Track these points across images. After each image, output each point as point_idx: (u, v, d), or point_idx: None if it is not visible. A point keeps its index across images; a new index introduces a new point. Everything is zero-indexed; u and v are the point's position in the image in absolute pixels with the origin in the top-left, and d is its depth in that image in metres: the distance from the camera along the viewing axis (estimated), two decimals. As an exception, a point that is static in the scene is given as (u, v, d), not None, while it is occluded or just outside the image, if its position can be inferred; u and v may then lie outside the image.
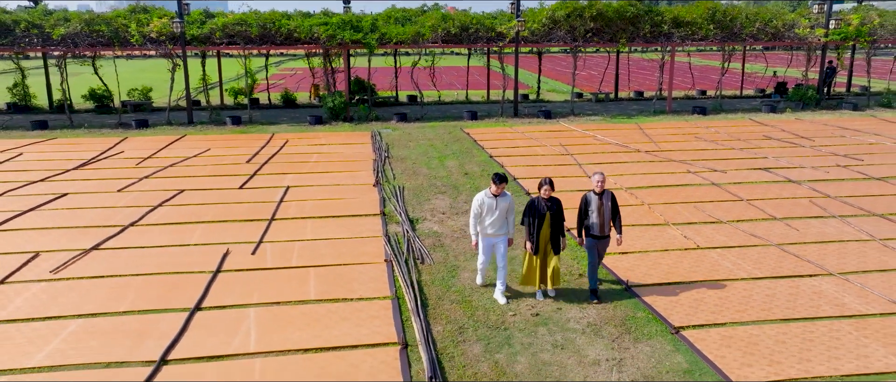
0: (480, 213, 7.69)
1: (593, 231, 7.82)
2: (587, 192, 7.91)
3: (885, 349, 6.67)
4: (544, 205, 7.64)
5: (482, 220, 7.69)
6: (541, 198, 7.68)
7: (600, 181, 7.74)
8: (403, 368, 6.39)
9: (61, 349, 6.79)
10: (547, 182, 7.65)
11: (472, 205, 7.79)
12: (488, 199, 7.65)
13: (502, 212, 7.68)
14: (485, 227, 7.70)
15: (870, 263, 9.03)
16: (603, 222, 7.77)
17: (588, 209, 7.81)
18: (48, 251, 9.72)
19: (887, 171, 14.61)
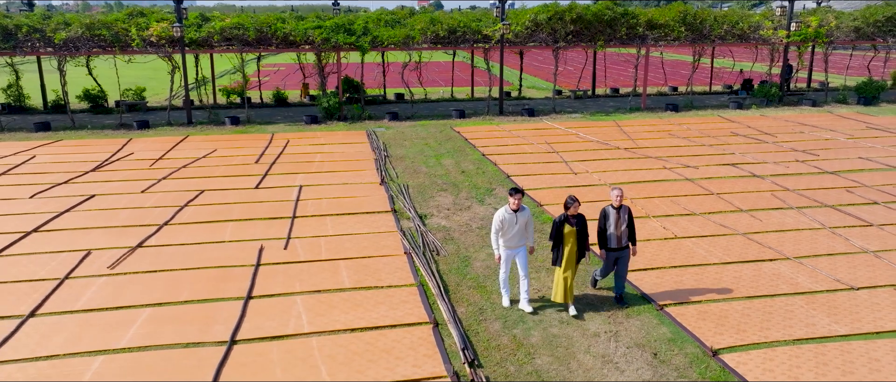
0: (501, 229, 8.16)
1: (611, 243, 8.35)
2: (606, 206, 8.46)
3: (829, 318, 8.16)
4: (571, 221, 8.07)
5: (503, 234, 8.17)
6: (567, 216, 8.10)
7: (619, 196, 8.29)
8: (437, 342, 7.66)
9: (141, 333, 7.91)
10: (574, 200, 8.04)
11: (493, 222, 8.22)
12: (509, 215, 8.11)
13: (522, 226, 8.18)
14: (506, 240, 8.19)
15: (820, 248, 10.57)
16: (620, 234, 8.35)
17: (606, 223, 8.36)
18: (97, 249, 10.74)
19: (839, 166, 16.29)
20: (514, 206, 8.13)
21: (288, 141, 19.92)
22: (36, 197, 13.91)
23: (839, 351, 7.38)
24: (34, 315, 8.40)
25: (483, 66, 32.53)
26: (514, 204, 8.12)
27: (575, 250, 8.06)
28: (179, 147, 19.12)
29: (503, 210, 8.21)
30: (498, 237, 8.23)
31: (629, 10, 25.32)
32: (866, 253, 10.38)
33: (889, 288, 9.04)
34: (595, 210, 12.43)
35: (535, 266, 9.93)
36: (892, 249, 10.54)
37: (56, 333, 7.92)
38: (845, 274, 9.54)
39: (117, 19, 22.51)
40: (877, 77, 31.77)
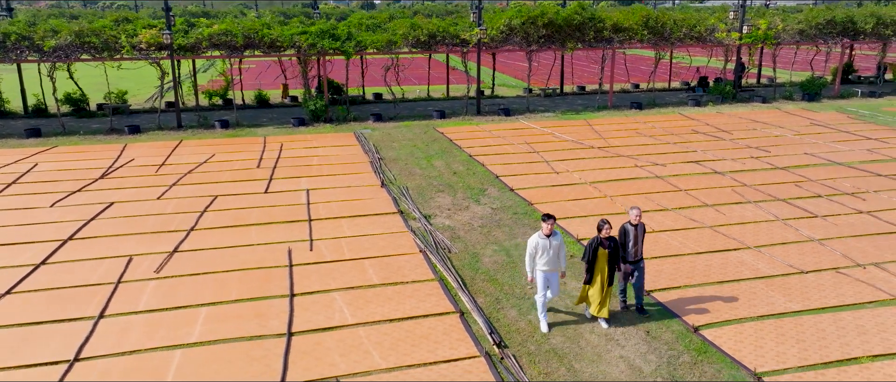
0: (535, 254, 8.67)
1: (629, 257, 9.09)
2: (625, 224, 9.13)
3: (784, 298, 9.86)
4: (605, 244, 8.70)
5: (537, 260, 8.69)
6: (600, 238, 8.69)
7: (638, 215, 8.99)
8: (466, 328, 9.05)
9: (207, 329, 9.05)
10: (606, 223, 8.67)
11: (528, 247, 8.72)
12: (542, 241, 8.60)
13: (555, 251, 8.66)
14: (540, 265, 8.69)
15: (775, 238, 12.34)
16: (638, 249, 9.13)
17: (626, 239, 9.10)
18: (137, 255, 11.72)
19: (788, 161, 18.28)
20: (546, 232, 8.59)
21: (281, 144, 20.89)
22: (56, 205, 14.67)
23: (793, 324, 9.07)
24: (103, 316, 9.43)
25: (458, 66, 33.91)
26: (547, 230, 8.57)
27: (606, 270, 8.71)
28: (177, 152, 19.89)
29: (537, 235, 8.69)
30: (532, 261, 8.71)
31: (596, 15, 27.00)
32: (812, 241, 12.19)
33: (831, 271, 10.83)
34: (581, 207, 14.03)
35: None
36: (834, 237, 12.39)
37: (129, 331, 8.99)
38: (796, 260, 11.31)
39: (104, 26, 22.97)
40: (819, 71, 34.49)
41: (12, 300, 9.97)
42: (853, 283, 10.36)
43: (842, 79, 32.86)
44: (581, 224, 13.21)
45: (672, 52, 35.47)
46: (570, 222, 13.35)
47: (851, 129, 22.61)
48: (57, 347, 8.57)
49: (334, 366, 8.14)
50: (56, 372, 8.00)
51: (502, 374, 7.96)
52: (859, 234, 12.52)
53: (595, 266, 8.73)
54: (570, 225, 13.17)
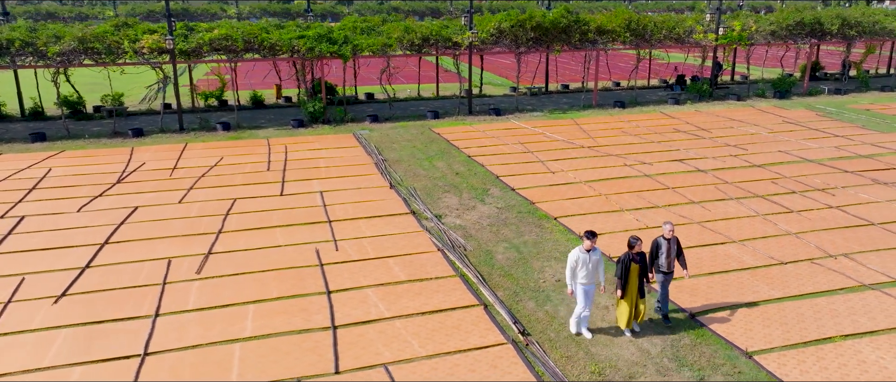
0: (576, 268, 9.18)
1: (662, 268, 9.73)
2: (657, 238, 9.81)
3: (768, 286, 11.17)
4: (636, 259, 9.27)
5: (577, 273, 9.21)
6: (631, 254, 9.26)
7: (671, 230, 9.67)
8: (491, 319, 10.15)
9: (258, 324, 10.00)
10: (637, 240, 9.23)
11: (569, 261, 9.24)
12: (582, 255, 9.11)
13: (594, 265, 9.19)
14: (580, 278, 9.21)
15: (756, 233, 13.68)
16: (670, 261, 9.75)
17: (658, 252, 9.74)
18: (175, 257, 12.56)
19: (764, 159, 19.72)
20: (587, 247, 9.12)
21: (286, 147, 21.69)
22: (83, 210, 15.36)
23: (777, 309, 10.36)
24: (159, 315, 10.32)
25: (444, 65, 34.88)
26: (588, 246, 9.11)
27: (637, 283, 9.34)
28: (185, 155, 20.57)
29: (578, 250, 9.19)
30: (573, 275, 9.24)
31: (581, 18, 28.22)
32: (789, 234, 13.56)
33: (807, 262, 12.18)
34: (578, 206, 15.18)
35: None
36: (808, 231, 13.77)
37: (186, 328, 9.91)
38: (776, 252, 12.64)
39: (106, 32, 23.43)
40: (788, 67, 36.27)
41: (70, 301, 10.78)
42: (826, 272, 11.72)
43: (809, 76, 34.66)
44: (580, 221, 14.39)
45: (651, 52, 37.02)
46: (571, 220, 14.52)
47: (820, 127, 24.22)
48: (125, 343, 9.46)
49: (380, 355, 9.18)
50: (131, 366, 8.90)
51: (529, 358, 9.09)
52: (830, 227, 13.92)
53: (628, 280, 9.27)
54: (571, 222, 14.35)
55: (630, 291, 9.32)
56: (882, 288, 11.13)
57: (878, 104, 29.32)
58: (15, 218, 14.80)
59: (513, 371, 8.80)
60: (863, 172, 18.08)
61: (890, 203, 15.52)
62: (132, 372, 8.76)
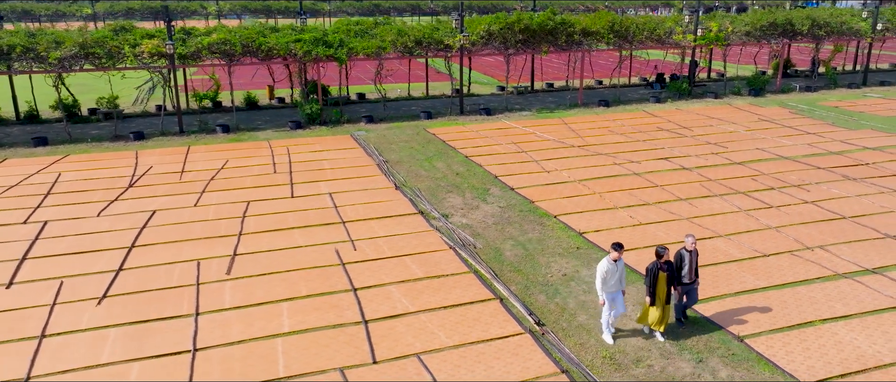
0: (606, 278, 9.84)
1: (684, 280, 10.32)
2: (680, 250, 10.32)
3: (753, 277, 12.32)
4: (664, 268, 9.93)
5: (607, 282, 9.88)
6: (659, 263, 9.90)
7: (693, 243, 10.27)
8: (507, 311, 11.13)
9: (294, 321, 10.84)
10: (665, 250, 9.88)
11: (598, 272, 9.84)
12: (610, 266, 9.80)
13: (620, 274, 9.98)
14: (608, 287, 9.92)
15: (740, 227, 14.87)
16: (692, 272, 10.37)
17: (682, 263, 10.31)
18: (202, 259, 13.30)
19: (743, 156, 21.00)
20: (614, 258, 9.85)
21: (287, 149, 22.38)
22: (102, 215, 15.95)
23: (762, 298, 11.52)
24: (200, 313, 11.09)
25: (435, 66, 35.70)
26: (615, 257, 9.84)
27: (665, 290, 9.98)
28: (190, 158, 21.13)
29: (606, 261, 9.84)
30: (602, 284, 9.87)
31: (566, 20, 29.28)
32: (770, 229, 14.77)
33: (787, 254, 13.39)
34: (575, 204, 16.20)
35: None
36: (787, 225, 15.00)
37: (228, 325, 10.70)
38: (759, 245, 13.84)
39: (105, 37, 23.79)
40: (761, 64, 37.90)
41: (111, 302, 11.48)
42: (805, 263, 12.94)
43: (782, 73, 36.25)
44: (578, 219, 15.44)
45: (632, 52, 38.30)
46: (570, 218, 15.57)
47: (793, 124, 25.66)
48: (173, 340, 10.23)
49: (411, 346, 10.10)
50: (184, 361, 9.68)
51: (547, 346, 10.09)
52: (807, 221, 15.18)
53: (656, 288, 9.95)
54: (570, 220, 15.39)
55: (659, 298, 9.94)
56: (854, 276, 12.37)
57: (845, 101, 30.96)
58: (37, 223, 15.33)
59: (533, 357, 9.80)
60: (834, 169, 19.45)
61: (859, 198, 16.86)
62: (186, 367, 9.55)
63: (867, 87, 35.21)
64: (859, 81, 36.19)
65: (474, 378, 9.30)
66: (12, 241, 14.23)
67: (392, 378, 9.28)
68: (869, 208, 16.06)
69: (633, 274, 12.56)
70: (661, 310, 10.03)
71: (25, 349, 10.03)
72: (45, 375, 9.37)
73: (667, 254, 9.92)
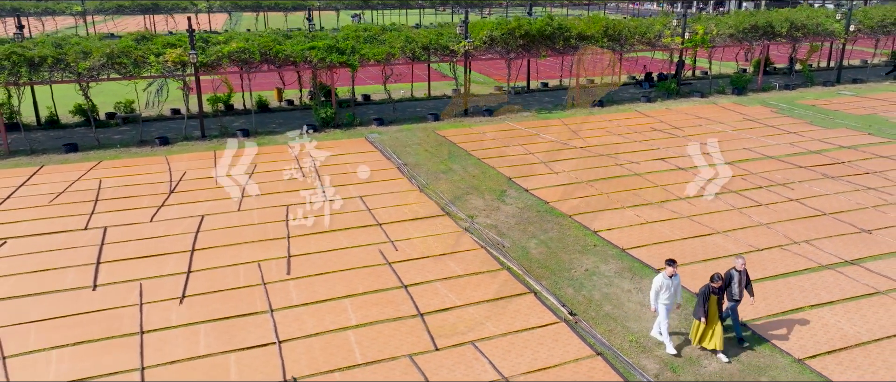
0: (660, 290, 11.00)
1: (734, 297, 11.30)
2: (730, 269, 11.37)
3: (750, 270, 14.08)
4: (715, 291, 10.94)
5: (660, 295, 11.02)
6: (710, 286, 10.89)
7: (743, 264, 11.32)
8: (542, 303, 12.84)
9: (359, 315, 12.42)
10: (719, 278, 10.88)
11: (653, 285, 11.05)
12: (666, 280, 10.95)
13: (675, 288, 11.08)
14: (663, 299, 11.03)
15: (735, 224, 16.73)
16: (741, 290, 11.31)
17: (732, 282, 11.29)
18: (262, 260, 14.78)
19: (732, 156, 22.92)
20: (669, 273, 11.00)
21: (310, 153, 23.77)
22: (155, 220, 17.29)
23: (759, 287, 13.33)
24: (274, 310, 12.61)
25: (436, 67, 37.13)
26: (670, 272, 11.00)
27: (716, 311, 11.01)
28: (221, 164, 22.42)
29: (662, 275, 11.03)
30: (657, 296, 11.05)
31: (563, 25, 30.97)
32: (761, 225, 16.67)
33: (778, 248, 15.29)
34: (587, 204, 17.88)
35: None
36: (776, 221, 16.90)
37: (302, 320, 12.25)
38: (753, 241, 15.72)
39: (129, 47, 24.88)
40: (742, 62, 40.02)
41: (191, 301, 12.95)
42: (793, 256, 14.85)
43: (759, 70, 38.39)
44: (592, 219, 17.19)
45: (622, 54, 40.14)
46: (584, 217, 17.31)
47: (775, 124, 27.70)
48: (258, 334, 11.76)
49: (465, 335, 11.76)
50: (272, 351, 11.22)
51: (580, 332, 11.83)
52: (793, 218, 17.11)
53: (708, 309, 10.95)
54: (585, 219, 17.13)
55: (711, 317, 11.01)
56: (835, 267, 14.31)
57: (822, 99, 33.17)
58: (97, 229, 16.64)
59: (571, 342, 11.53)
60: (814, 167, 21.47)
61: (837, 195, 18.86)
62: (276, 356, 11.10)
63: (841, 85, 37.51)
64: (833, 79, 38.46)
65: (523, 361, 11.01)
66: (80, 246, 15.56)
67: (454, 362, 10.95)
68: (846, 205, 18.05)
69: (646, 268, 14.36)
70: (712, 328, 10.97)
71: (130, 343, 11.49)
72: (156, 365, 10.86)
73: (718, 281, 10.91)
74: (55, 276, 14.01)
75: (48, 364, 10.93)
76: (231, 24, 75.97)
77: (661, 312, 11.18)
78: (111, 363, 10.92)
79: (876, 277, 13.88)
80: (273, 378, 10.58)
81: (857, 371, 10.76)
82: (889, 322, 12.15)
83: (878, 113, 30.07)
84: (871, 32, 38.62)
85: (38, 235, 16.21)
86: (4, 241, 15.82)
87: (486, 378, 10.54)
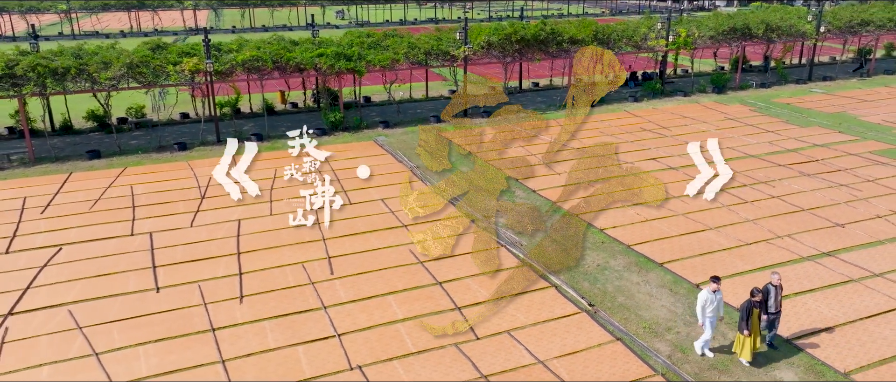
0: (705, 305, 12.02)
1: (771, 310, 12.45)
2: (767, 285, 12.39)
3: (742, 262, 16.08)
4: (756, 305, 12.02)
5: (705, 309, 12.04)
6: (752, 301, 11.94)
7: (779, 279, 12.45)
8: (563, 295, 14.57)
9: (405, 309, 14.00)
10: (759, 292, 11.99)
11: (699, 301, 12.05)
12: (710, 295, 12.00)
13: (719, 302, 12.13)
14: (708, 313, 12.06)
15: (725, 221, 18.64)
16: (777, 303, 12.43)
17: (769, 297, 12.35)
18: (306, 261, 16.24)
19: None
20: (713, 289, 12.07)
21: (325, 157, 25.12)
22: (194, 225, 18.60)
23: (751, 277, 15.24)
24: (327, 307, 14.13)
25: (436, 70, 38.55)
26: (714, 288, 12.06)
27: (758, 323, 12.18)
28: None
29: (706, 291, 12.07)
30: (703, 311, 12.07)
31: (556, 29, 32.67)
32: (748, 221, 18.60)
33: (764, 242, 17.22)
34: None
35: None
36: (761, 217, 18.85)
37: (355, 315, 13.80)
38: (741, 236, 17.64)
39: (146, 56, 25.89)
40: (720, 59, 42.19)
41: (250, 301, 14.40)
42: (778, 249, 16.80)
43: (737, 68, 40.62)
44: (597, 217, 18.97)
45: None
46: (589, 216, 19.08)
47: (754, 123, 29.81)
48: (318, 328, 13.28)
49: (501, 325, 13.44)
50: (334, 344, 12.77)
51: (600, 321, 13.60)
52: (775, 214, 19.09)
53: (750, 322, 12.04)
54: (590, 218, 18.90)
55: (753, 329, 12.10)
56: (814, 259, 16.29)
57: (795, 98, 35.46)
58: (143, 235, 17.91)
59: (592, 329, 13.29)
60: (791, 165, 23.55)
61: (813, 192, 20.91)
62: (338, 348, 12.65)
63: (812, 83, 39.91)
64: (805, 76, 40.85)
65: (554, 346, 12.73)
66: (132, 252, 16.84)
67: (495, 349, 12.62)
68: (821, 201, 20.11)
69: (650, 263, 16.18)
70: (753, 340, 12.16)
71: (205, 339, 12.94)
72: (235, 358, 12.34)
73: (759, 296, 12.05)
74: (118, 280, 15.32)
75: (138, 359, 12.34)
76: (216, 21, 76.28)
77: (707, 327, 12.23)
78: (193, 357, 12.37)
79: (849, 267, 15.89)
80: (340, 366, 12.14)
81: (836, 349, 12.69)
82: (861, 306, 14.14)
83: (847, 110, 32.40)
84: (840, 32, 41.06)
85: (89, 242, 17.43)
86: (60, 248, 17.03)
87: (525, 362, 12.24)
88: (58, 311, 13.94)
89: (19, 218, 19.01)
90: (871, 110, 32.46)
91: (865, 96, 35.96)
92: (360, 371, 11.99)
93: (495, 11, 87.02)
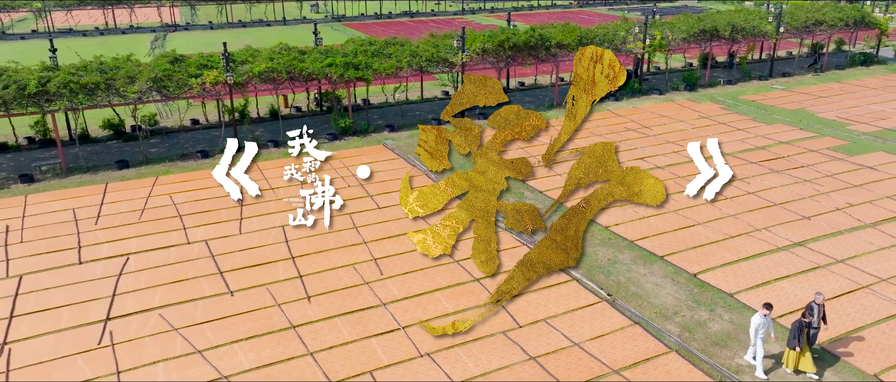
0: (758, 329, 13.43)
1: (814, 326, 13.74)
2: (810, 303, 13.78)
3: (729, 253, 18.91)
4: (805, 324, 13.45)
5: (758, 331, 13.45)
6: (802, 320, 13.36)
7: (823, 299, 13.81)
8: (583, 287, 17.15)
9: (454, 303, 16.35)
10: (810, 313, 13.48)
11: (752, 324, 13.49)
12: (763, 319, 13.40)
13: (768, 325, 13.57)
14: (760, 334, 13.44)
15: (711, 216, 21.44)
16: (819, 319, 13.86)
17: (812, 314, 13.62)
18: (356, 263, 18.41)
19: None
20: (765, 314, 13.55)
21: (342, 162, 27.16)
22: (244, 233, 20.51)
23: (738, 267, 18.08)
24: (386, 304, 16.39)
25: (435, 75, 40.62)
26: (765, 313, 13.54)
27: (807, 340, 13.69)
28: (268, 176, 25.53)
29: (759, 315, 13.51)
30: (756, 333, 13.53)
31: (544, 35, 35.14)
32: (730, 216, 21.49)
33: (745, 235, 20.12)
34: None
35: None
36: (741, 212, 21.76)
37: (410, 310, 16.10)
38: (726, 230, 20.50)
39: (168, 70, 27.36)
40: (688, 56, 45.34)
41: (318, 301, 16.55)
42: (757, 242, 19.71)
43: (705, 64, 43.86)
44: (603, 216, 21.56)
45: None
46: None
47: (726, 121, 32.91)
48: (383, 322, 15.55)
49: (534, 315, 15.94)
50: (400, 336, 15.06)
51: (619, 309, 16.23)
52: (752, 209, 22.04)
53: (801, 340, 13.56)
54: (596, 216, 21.49)
55: (803, 347, 13.67)
56: (789, 249, 19.25)
57: (759, 95, 38.81)
58: (199, 242, 19.78)
59: (613, 316, 15.91)
60: (762, 163, 26.63)
61: (783, 187, 23.98)
62: (405, 339, 14.96)
63: (773, 78, 43.41)
64: (767, 72, 44.36)
65: (584, 331, 15.30)
66: (195, 259, 18.75)
67: (537, 335, 15.12)
68: (790, 196, 23.18)
69: (653, 256, 18.89)
70: (804, 355, 13.70)
71: (289, 336, 15.08)
72: (321, 350, 14.54)
73: (808, 317, 13.55)
74: (193, 286, 17.26)
75: (236, 355, 14.43)
76: (191, 16, 76.37)
77: (759, 345, 13.73)
78: (285, 351, 14.52)
79: (817, 255, 18.89)
80: (411, 354, 14.48)
81: (810, 325, 15.60)
82: (827, 289, 17.10)
83: (805, 107, 35.85)
84: (797, 32, 44.65)
85: (151, 250, 19.24)
86: (127, 258, 18.81)
87: (563, 345, 14.79)
88: (150, 315, 15.87)
89: (77, 229, 20.62)
90: (825, 107, 35.98)
91: (820, 92, 39.56)
92: (429, 358, 14.35)
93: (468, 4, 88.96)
